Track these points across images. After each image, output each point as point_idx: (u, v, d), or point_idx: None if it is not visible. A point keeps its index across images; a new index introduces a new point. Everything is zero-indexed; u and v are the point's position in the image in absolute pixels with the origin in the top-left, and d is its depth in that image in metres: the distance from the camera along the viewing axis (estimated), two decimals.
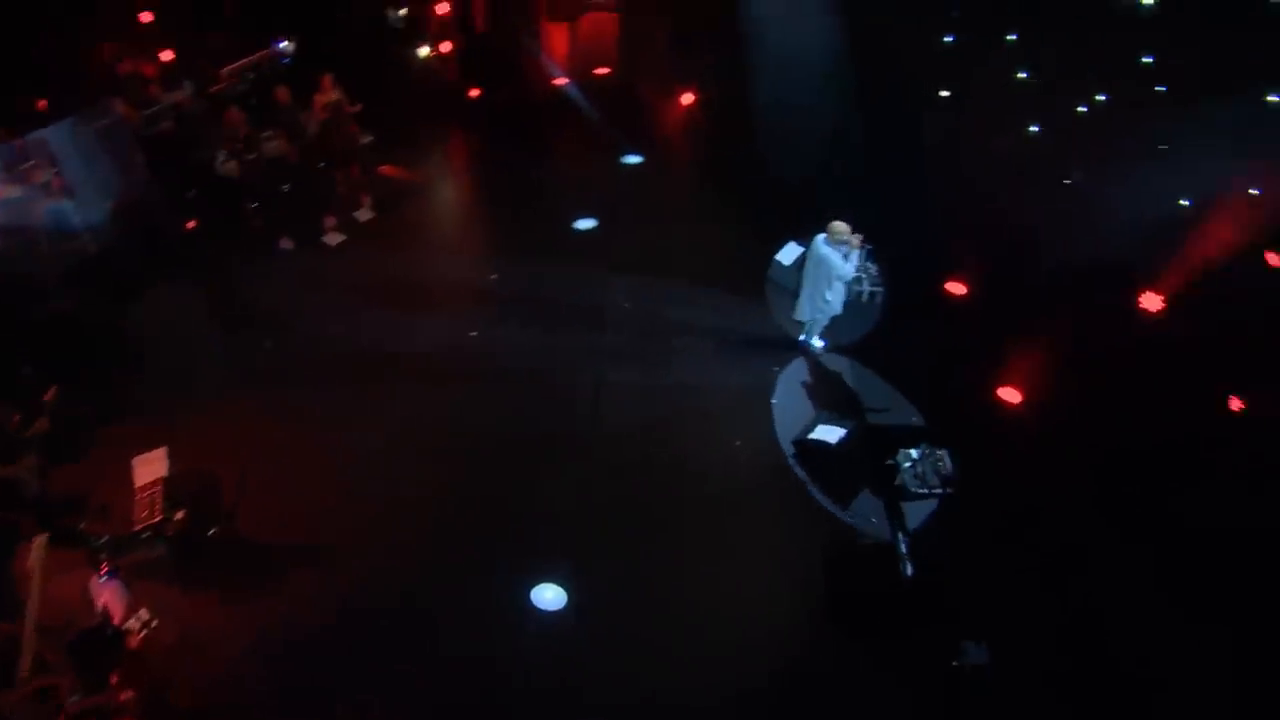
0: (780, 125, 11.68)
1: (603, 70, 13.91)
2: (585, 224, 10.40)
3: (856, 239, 8.17)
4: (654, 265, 9.92)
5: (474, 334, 9.18)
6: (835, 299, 8.46)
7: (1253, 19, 14.16)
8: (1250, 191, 11.09)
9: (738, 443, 8.07)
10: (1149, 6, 15.20)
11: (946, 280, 9.81)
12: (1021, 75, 13.43)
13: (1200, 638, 6.65)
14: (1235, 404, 8.56)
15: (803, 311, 8.66)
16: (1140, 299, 9.73)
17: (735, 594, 6.88)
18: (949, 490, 7.48)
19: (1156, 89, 13.32)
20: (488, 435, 8.05)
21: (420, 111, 12.64)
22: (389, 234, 10.63)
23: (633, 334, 9.14)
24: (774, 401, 8.46)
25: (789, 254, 9.61)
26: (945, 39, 14.51)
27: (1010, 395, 8.52)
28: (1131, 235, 10.37)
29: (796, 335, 9.03)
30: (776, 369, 8.81)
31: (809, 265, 8.38)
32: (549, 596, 6.82)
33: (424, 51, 13.53)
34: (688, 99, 13.07)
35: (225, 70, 11.76)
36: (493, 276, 9.96)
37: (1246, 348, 8.98)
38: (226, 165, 10.32)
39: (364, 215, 10.89)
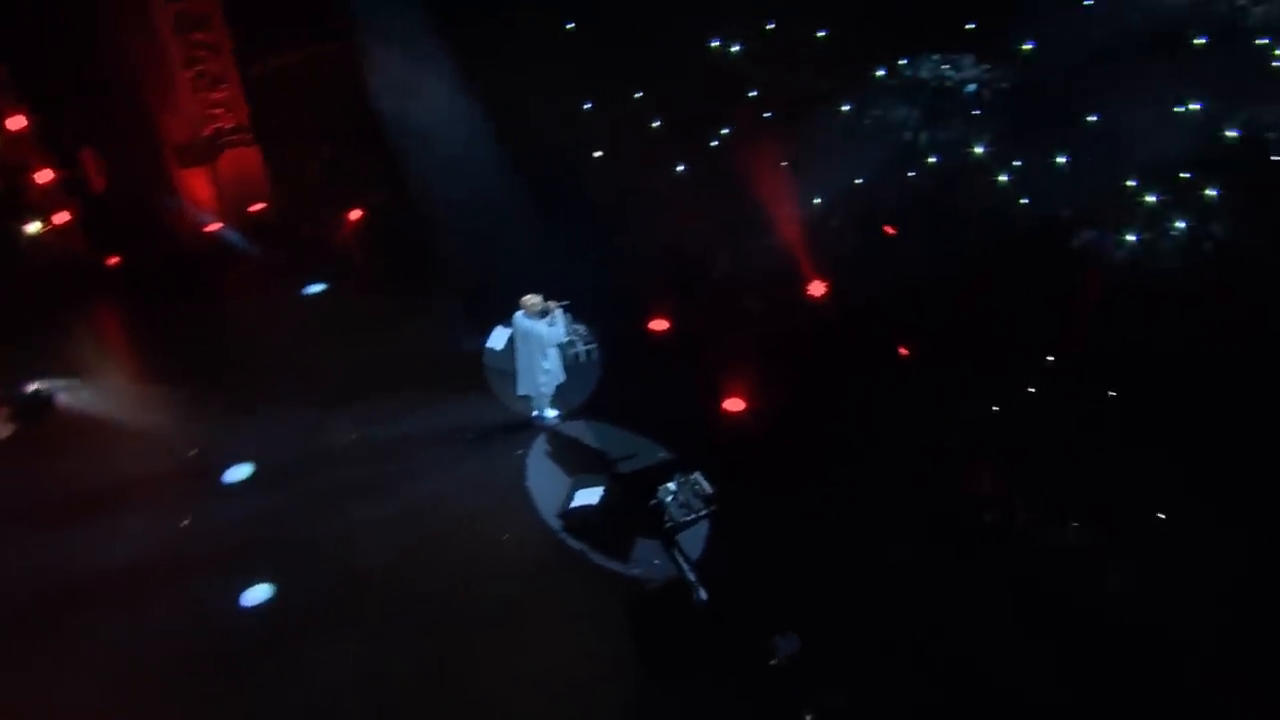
0: (453, 221, 11.83)
1: (258, 206, 13.19)
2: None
3: (552, 304, 8.45)
4: (369, 388, 9.47)
5: (186, 522, 8.11)
6: (554, 366, 8.67)
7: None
8: (856, 181, 13.21)
9: (505, 537, 7.90)
10: (738, 52, 17.75)
11: (649, 319, 10.46)
12: (655, 124, 14.90)
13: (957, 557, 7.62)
14: (903, 351, 10.07)
15: (525, 388, 8.75)
16: (808, 289, 11.10)
17: (547, 687, 6.67)
18: (713, 507, 7.91)
19: (764, 115, 15.48)
20: (231, 629, 7.13)
21: (47, 296, 11.00)
22: (44, 443, 9.13)
23: (366, 464, 8.62)
24: (527, 484, 8.41)
25: (498, 338, 9.70)
26: (584, 106, 15.72)
27: (734, 405, 9.24)
28: (783, 238, 11.85)
29: (529, 414, 9.08)
30: (520, 452, 8.79)
31: (518, 343, 8.54)
32: None
33: (34, 226, 11.82)
34: (355, 216, 12.81)
35: None
36: (192, 452, 8.90)
37: (891, 306, 10.52)
38: None
39: (2, 432, 9.22)
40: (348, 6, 13.55)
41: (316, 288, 11.42)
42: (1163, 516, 7.63)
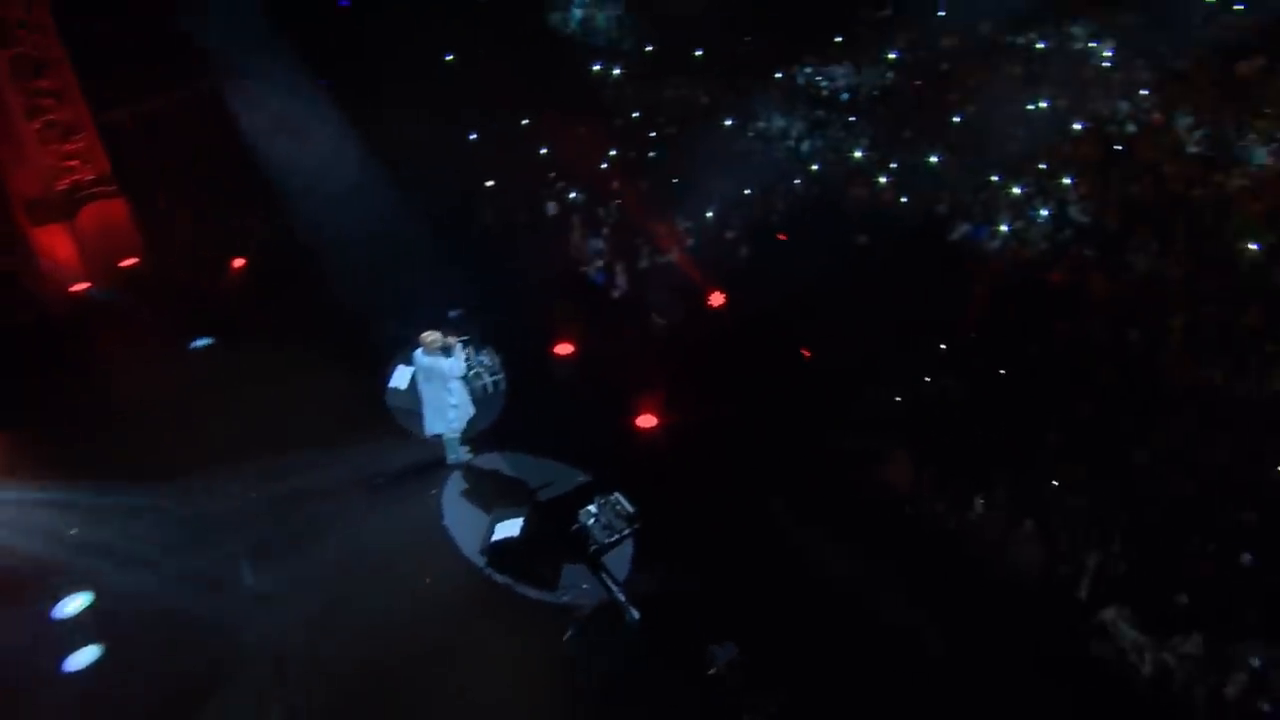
0: (344, 260, 11.45)
1: (129, 261, 12.43)
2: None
3: (452, 339, 8.31)
4: (267, 442, 8.94)
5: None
6: (462, 400, 8.48)
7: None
8: (746, 192, 13.57)
9: (428, 580, 7.62)
10: (618, 76, 18.11)
11: (554, 343, 10.39)
12: (543, 151, 14.91)
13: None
14: (805, 353, 10.36)
15: (434, 426, 8.51)
16: (708, 300, 11.28)
17: None
18: (636, 526, 7.86)
19: (650, 135, 15.77)
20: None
21: None
22: None
23: (269, 523, 8.13)
24: (445, 524, 8.17)
25: (401, 378, 9.42)
26: (470, 136, 15.61)
27: (646, 421, 9.26)
28: (679, 253, 12.05)
29: (440, 453, 8.83)
30: (434, 491, 8.53)
31: (421, 381, 8.31)
32: None
33: None
34: (238, 263, 12.22)
35: None
36: (72, 531, 8.21)
37: (790, 310, 10.78)
38: None
39: None
40: (209, 46, 13.03)
41: (202, 342, 10.81)
42: (1056, 484, 8.08)
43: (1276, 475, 7.97)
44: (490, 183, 13.84)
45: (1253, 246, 10.90)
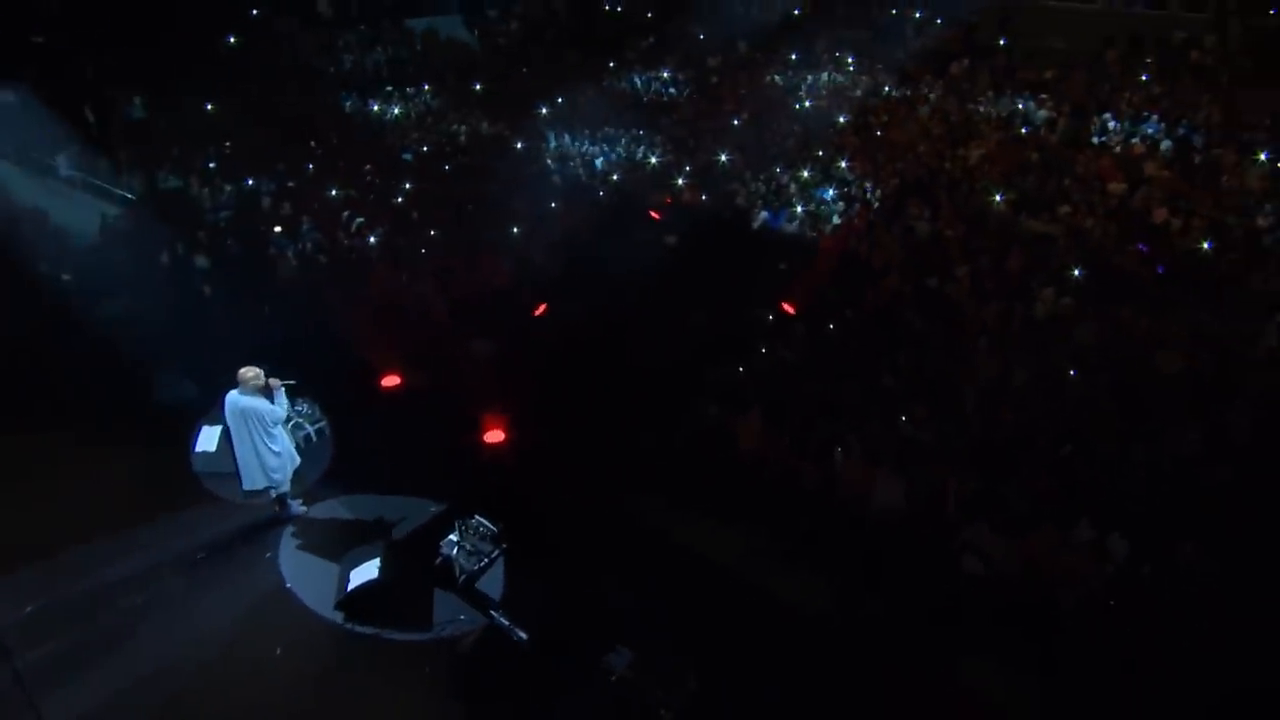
0: (116, 326, 10.00)
1: None
2: None
3: (275, 381, 7.46)
4: (46, 543, 7.40)
5: None
6: (284, 446, 7.58)
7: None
8: (551, 206, 13.47)
9: (279, 652, 6.61)
10: (399, 116, 17.64)
11: (379, 378, 9.64)
12: (335, 192, 13.99)
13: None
14: (635, 344, 10.23)
15: (254, 481, 7.50)
16: (532, 313, 10.93)
17: None
18: (504, 545, 7.35)
19: (444, 166, 15.36)
20: None
21: None
22: None
23: (62, 636, 6.69)
24: (289, 586, 7.19)
25: (208, 439, 8.29)
26: (247, 182, 14.38)
27: (495, 436, 8.78)
28: (492, 272, 11.75)
29: (266, 513, 7.84)
30: (269, 555, 7.51)
31: (236, 429, 7.30)
32: None
33: None
34: None
35: None
36: None
37: (613, 305, 10.63)
38: None
39: None
40: None
41: None
42: (905, 419, 8.50)
43: (1072, 381, 8.89)
44: (278, 229, 12.73)
45: (997, 198, 12.47)
